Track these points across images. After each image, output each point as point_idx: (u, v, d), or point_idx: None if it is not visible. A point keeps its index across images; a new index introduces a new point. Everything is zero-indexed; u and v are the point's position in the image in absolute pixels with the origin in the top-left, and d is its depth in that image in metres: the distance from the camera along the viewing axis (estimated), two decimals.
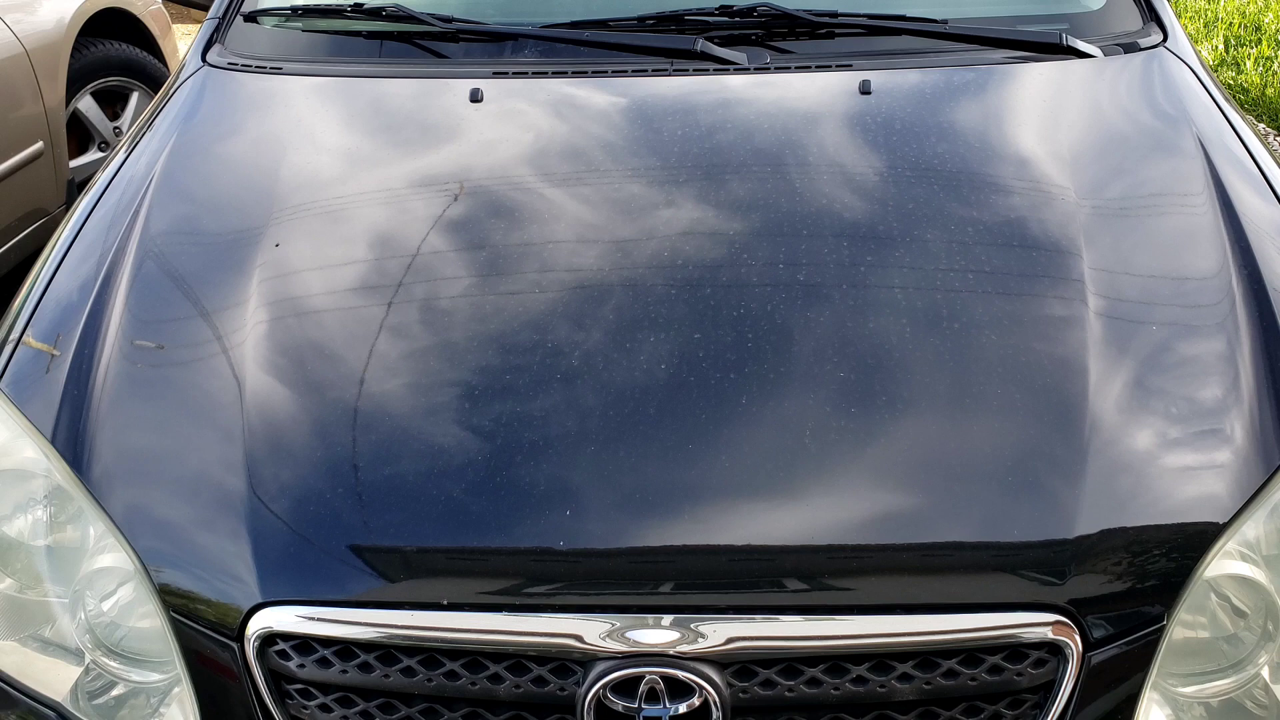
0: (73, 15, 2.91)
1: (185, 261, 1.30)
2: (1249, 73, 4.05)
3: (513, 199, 1.35)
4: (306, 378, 1.14)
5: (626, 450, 1.03)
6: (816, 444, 1.03)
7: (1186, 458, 1.06)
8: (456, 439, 1.05)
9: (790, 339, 1.13)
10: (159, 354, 1.20)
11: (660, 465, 1.02)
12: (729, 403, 1.06)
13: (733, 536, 0.99)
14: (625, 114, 1.49)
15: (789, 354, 1.11)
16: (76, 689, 1.07)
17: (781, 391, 1.08)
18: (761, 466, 1.02)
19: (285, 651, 1.00)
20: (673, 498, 1.01)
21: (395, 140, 1.48)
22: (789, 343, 1.12)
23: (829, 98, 1.49)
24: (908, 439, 1.05)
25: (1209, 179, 1.33)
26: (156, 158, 1.46)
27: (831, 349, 1.11)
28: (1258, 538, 1.02)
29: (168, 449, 1.11)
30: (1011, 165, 1.37)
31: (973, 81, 1.52)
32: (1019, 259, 1.24)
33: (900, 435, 1.05)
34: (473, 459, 1.03)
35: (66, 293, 1.28)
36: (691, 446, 1.03)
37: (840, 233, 1.26)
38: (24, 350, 1.22)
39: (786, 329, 1.14)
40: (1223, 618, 1.02)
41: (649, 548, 1.00)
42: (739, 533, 0.99)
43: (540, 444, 1.04)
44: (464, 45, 1.62)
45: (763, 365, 1.10)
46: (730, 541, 0.99)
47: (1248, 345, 1.13)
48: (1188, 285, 1.21)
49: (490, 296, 1.21)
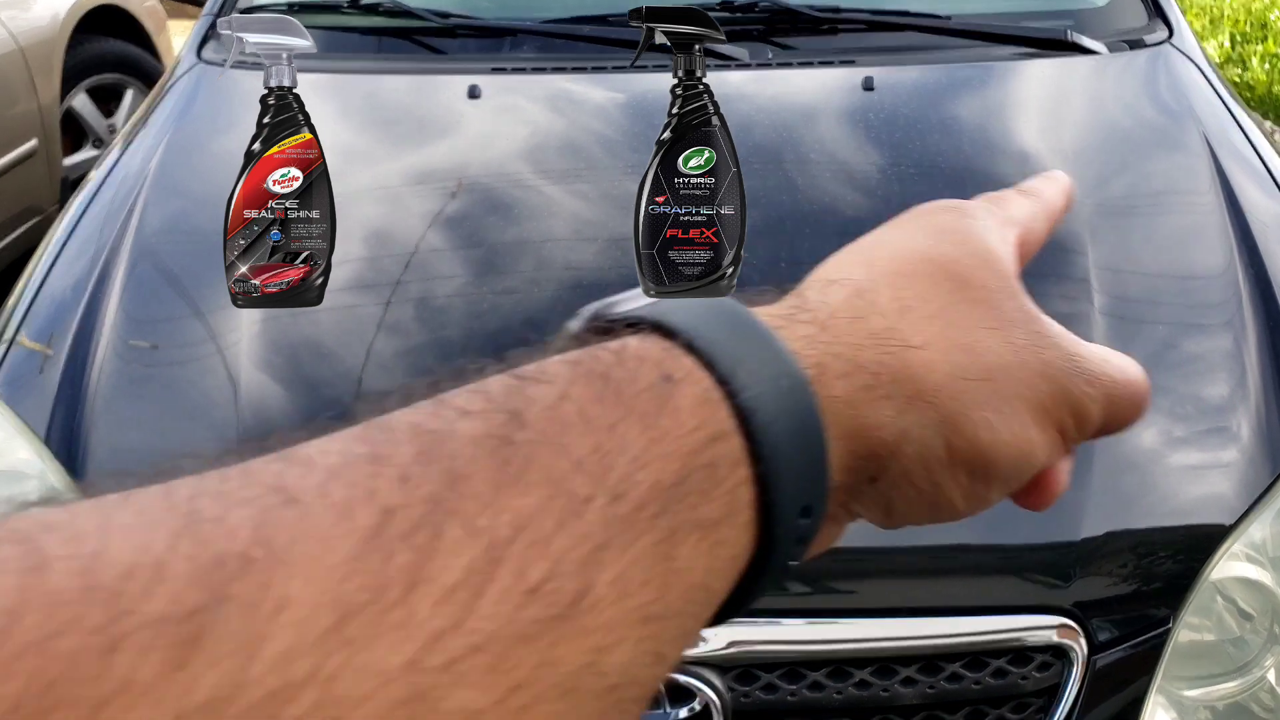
0: (68, 12, 2.90)
1: (180, 260, 1.29)
2: (1255, 70, 4.04)
3: (512, 195, 1.34)
4: (302, 376, 1.13)
5: None
6: None
7: (1192, 458, 1.05)
8: None
9: None
10: (154, 353, 1.19)
11: None
12: None
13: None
14: (624, 110, 1.48)
15: None
16: None
17: None
18: None
19: None
20: None
21: (393, 137, 1.47)
22: None
23: (831, 94, 1.48)
24: None
25: (1215, 176, 1.32)
26: (151, 155, 1.45)
27: None
28: (1264, 539, 1.01)
29: (163, 449, 1.10)
30: (1015, 162, 1.36)
31: (976, 78, 1.51)
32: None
33: None
34: None
35: (60, 291, 1.27)
36: None
37: (842, 230, 1.25)
38: (17, 350, 1.21)
39: None
40: (1229, 620, 1.02)
41: None
42: None
43: None
44: (461, 41, 1.61)
45: None
46: None
47: (1254, 344, 1.12)
48: (1193, 283, 1.20)
49: (488, 294, 1.20)
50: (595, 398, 0.24)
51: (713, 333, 0.26)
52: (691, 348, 0.26)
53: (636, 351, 0.26)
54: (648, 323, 0.27)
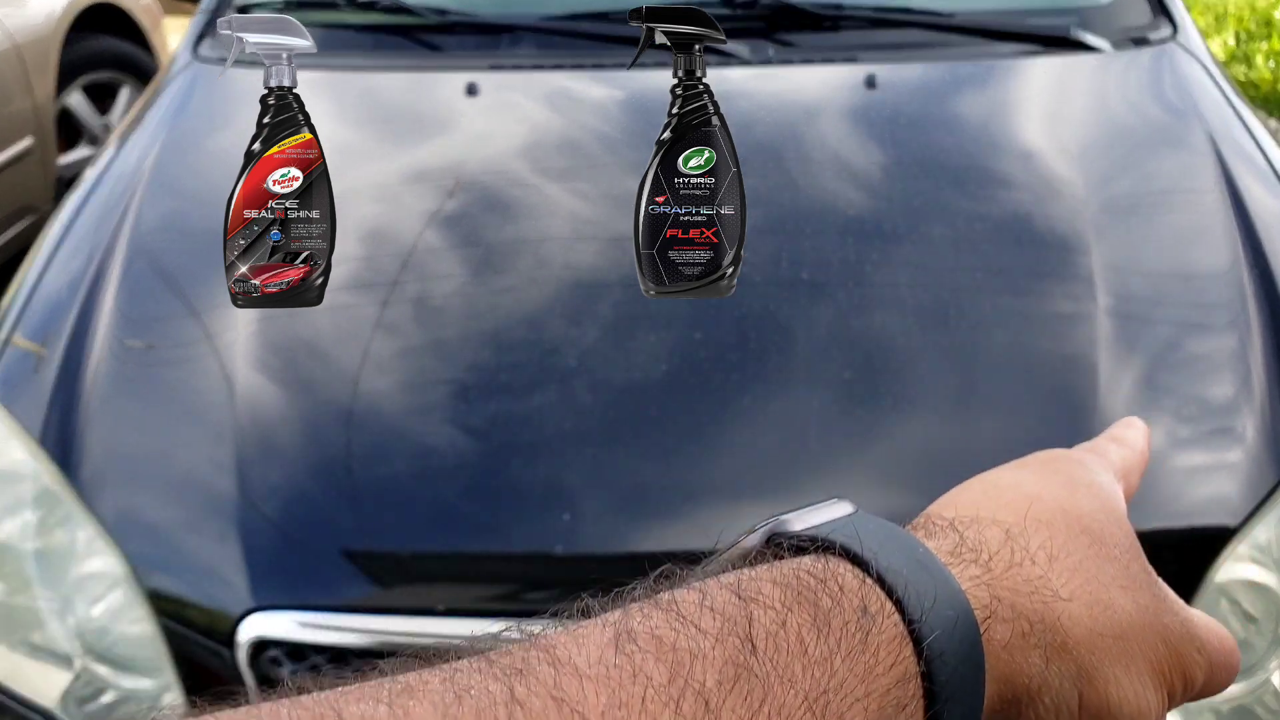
0: (63, 9, 2.88)
1: (176, 259, 1.28)
2: (1260, 68, 4.03)
3: (511, 194, 1.33)
4: (299, 377, 1.12)
5: (625, 451, 1.01)
6: (820, 445, 1.01)
7: (1197, 459, 1.05)
8: (452, 440, 1.03)
9: (792, 337, 1.11)
10: (149, 353, 1.18)
11: (660, 467, 1.01)
12: (730, 402, 1.05)
13: (735, 539, 0.97)
14: (624, 108, 1.47)
15: (792, 352, 1.09)
16: (67, 696, 1.05)
17: (784, 391, 1.06)
18: (764, 468, 1.00)
19: (278, 658, 0.98)
20: (673, 500, 0.99)
21: (391, 134, 1.46)
22: (791, 340, 1.11)
23: (833, 91, 1.47)
24: (913, 439, 1.03)
25: (1219, 175, 1.31)
26: (147, 153, 1.44)
27: (835, 347, 1.10)
28: (1270, 541, 1.01)
29: (158, 451, 1.09)
30: (1019, 160, 1.35)
31: (980, 75, 1.50)
32: (1026, 255, 1.22)
33: (905, 435, 1.03)
34: (468, 461, 1.01)
35: (55, 291, 1.26)
36: (692, 448, 1.01)
37: (844, 228, 1.24)
38: (12, 350, 1.20)
39: (789, 327, 1.12)
40: (1233, 623, 1.01)
41: (649, 552, 0.98)
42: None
43: (537, 445, 1.02)
44: (460, 38, 1.60)
45: (765, 364, 1.08)
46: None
47: (1259, 343, 1.11)
48: (1198, 282, 1.19)
49: (486, 293, 1.19)
50: (810, 625, 0.28)
51: (899, 565, 0.29)
52: (883, 581, 0.29)
53: (838, 578, 0.29)
54: (838, 547, 0.30)
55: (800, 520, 0.31)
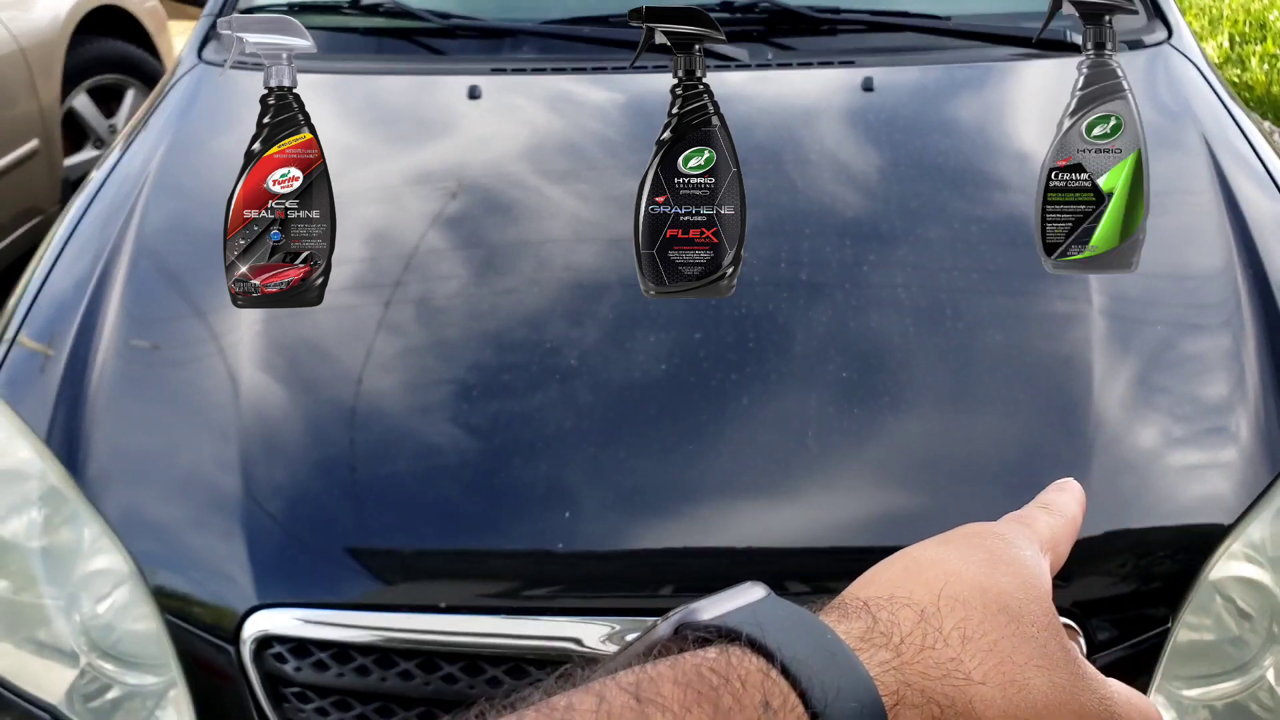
0: (68, 12, 2.90)
1: (181, 259, 1.29)
2: (1254, 70, 4.04)
3: (512, 196, 1.34)
4: (302, 377, 1.13)
5: (626, 450, 1.02)
6: (818, 444, 1.02)
7: (1191, 457, 1.05)
8: (454, 439, 1.04)
9: (791, 337, 1.12)
10: (154, 353, 1.19)
11: (660, 466, 1.01)
12: (729, 402, 1.05)
13: (734, 538, 0.98)
14: (624, 110, 1.48)
15: (790, 352, 1.10)
16: (72, 692, 1.06)
17: (782, 391, 1.07)
18: (763, 467, 1.01)
19: (282, 655, 0.99)
20: (673, 499, 1.00)
21: (393, 137, 1.47)
22: (790, 341, 1.12)
23: (831, 94, 1.48)
24: (910, 439, 1.04)
25: (1214, 176, 1.32)
26: (152, 155, 1.45)
27: (833, 347, 1.10)
28: (1263, 539, 1.01)
29: (163, 449, 1.10)
30: (1014, 162, 1.36)
31: (976, 78, 1.51)
32: (1022, 256, 1.23)
33: (903, 435, 1.04)
34: (471, 459, 1.02)
35: (61, 292, 1.27)
36: (691, 447, 1.02)
37: (842, 230, 1.25)
38: (18, 350, 1.21)
39: (787, 327, 1.13)
40: (1228, 620, 1.02)
41: (649, 550, 0.99)
42: (740, 534, 0.98)
43: (539, 444, 1.03)
44: (461, 42, 1.61)
45: (763, 364, 1.09)
46: (731, 544, 0.98)
47: (1253, 343, 1.12)
48: (1192, 282, 1.20)
49: (488, 294, 1.20)
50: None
51: (805, 654, 0.29)
52: (787, 672, 0.29)
53: (740, 673, 0.29)
54: (744, 638, 0.30)
55: (710, 608, 0.31)
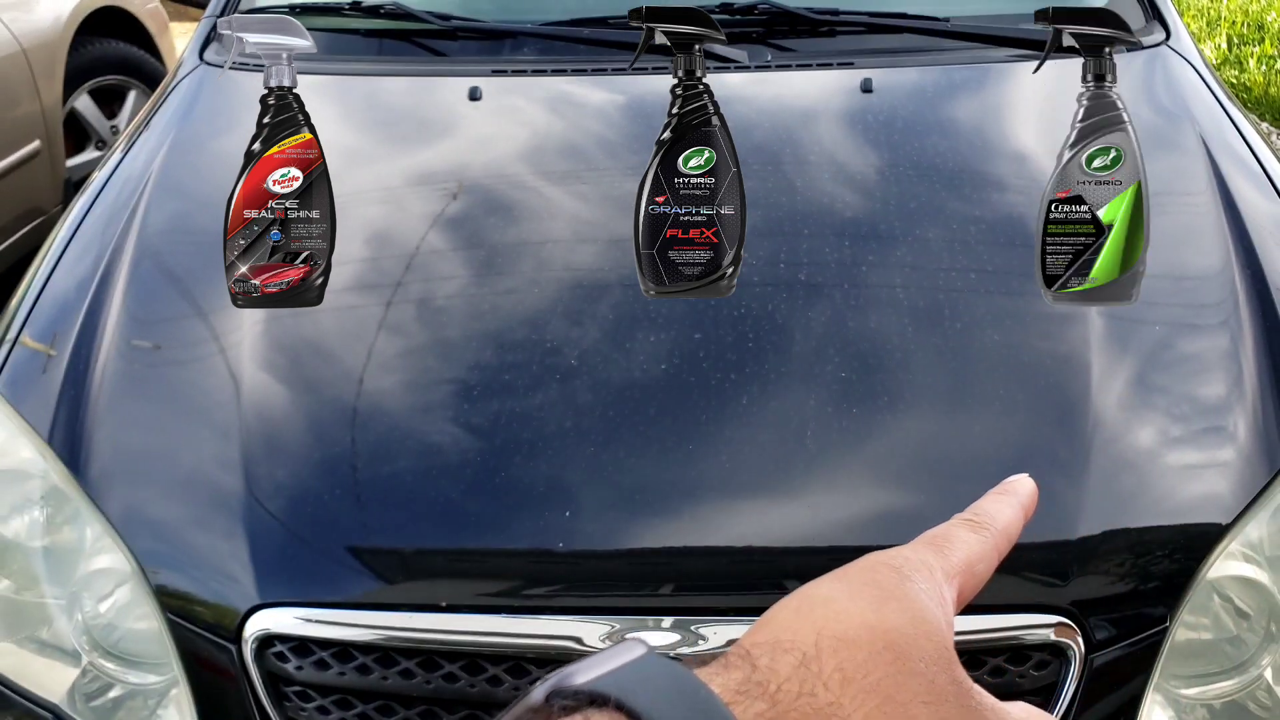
0: (70, 13, 2.90)
1: (182, 260, 1.30)
2: (1252, 72, 4.05)
3: (513, 197, 1.34)
4: (304, 377, 1.13)
5: (626, 450, 1.02)
6: (817, 444, 1.03)
7: (1189, 457, 1.06)
8: (455, 438, 1.05)
9: (790, 337, 1.12)
10: (156, 353, 1.19)
11: (660, 465, 1.02)
12: (729, 402, 1.06)
13: (733, 538, 0.98)
14: (624, 111, 1.48)
15: (789, 353, 1.11)
16: (74, 691, 1.06)
17: (782, 391, 1.07)
18: (762, 467, 1.01)
19: (283, 653, 0.99)
20: (673, 498, 1.00)
21: (394, 138, 1.47)
22: (789, 341, 1.12)
23: (830, 95, 1.49)
24: (909, 438, 1.04)
25: (1211, 177, 1.32)
26: (154, 156, 1.45)
27: (832, 348, 1.11)
28: (1261, 538, 1.02)
29: (165, 449, 1.10)
30: (1013, 163, 1.37)
31: (974, 79, 1.51)
32: (1020, 257, 1.23)
33: (901, 435, 1.05)
34: (471, 459, 1.03)
35: (63, 292, 1.27)
36: (691, 446, 1.02)
37: (840, 231, 1.26)
38: (20, 350, 1.21)
39: (786, 327, 1.13)
40: (1226, 619, 1.02)
41: (649, 549, 0.99)
42: (740, 534, 0.99)
43: (539, 444, 1.03)
44: (462, 43, 1.62)
45: (763, 364, 1.09)
46: (731, 543, 0.98)
47: (1250, 343, 1.13)
48: (1190, 283, 1.20)
49: (489, 295, 1.21)
50: None
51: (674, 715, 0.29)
52: None
53: None
54: (613, 703, 0.29)
55: (585, 671, 0.31)
